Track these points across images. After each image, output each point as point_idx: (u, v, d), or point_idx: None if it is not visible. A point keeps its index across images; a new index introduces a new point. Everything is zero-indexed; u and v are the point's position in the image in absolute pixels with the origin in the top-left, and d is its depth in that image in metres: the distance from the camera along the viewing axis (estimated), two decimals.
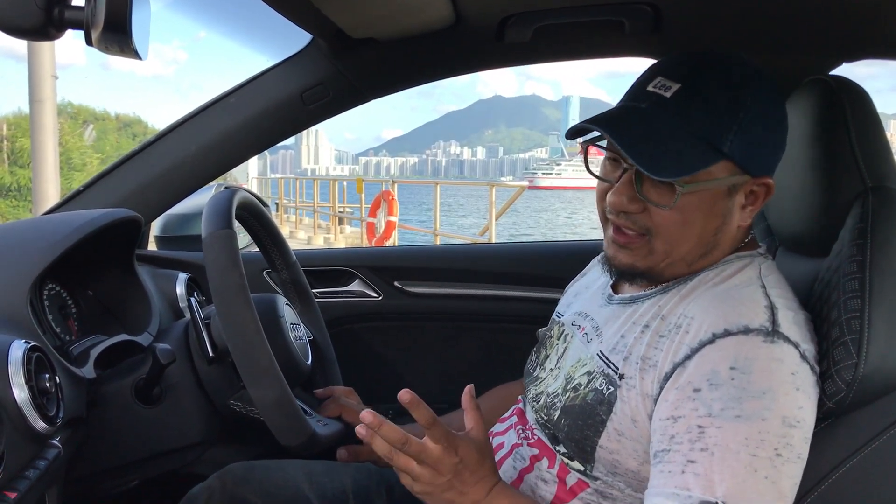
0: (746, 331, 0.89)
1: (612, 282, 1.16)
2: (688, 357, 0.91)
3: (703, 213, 0.96)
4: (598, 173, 1.05)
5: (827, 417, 0.95)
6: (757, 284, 0.97)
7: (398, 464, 0.95)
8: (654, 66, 1.00)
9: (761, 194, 0.99)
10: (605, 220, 1.05)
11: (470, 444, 0.97)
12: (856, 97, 1.05)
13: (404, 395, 0.94)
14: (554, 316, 1.27)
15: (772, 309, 0.92)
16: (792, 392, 0.87)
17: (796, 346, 0.90)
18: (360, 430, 0.94)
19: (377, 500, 1.34)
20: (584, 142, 1.04)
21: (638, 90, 0.99)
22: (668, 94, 0.95)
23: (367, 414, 0.93)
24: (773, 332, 0.89)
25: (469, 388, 1.01)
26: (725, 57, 0.98)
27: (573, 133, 1.01)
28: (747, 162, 0.95)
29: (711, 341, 0.89)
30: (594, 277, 1.25)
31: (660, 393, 0.92)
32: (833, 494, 0.93)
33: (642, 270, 1.02)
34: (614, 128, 0.95)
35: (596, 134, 1.00)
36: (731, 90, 0.94)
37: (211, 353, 1.18)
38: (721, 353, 0.88)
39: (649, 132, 0.93)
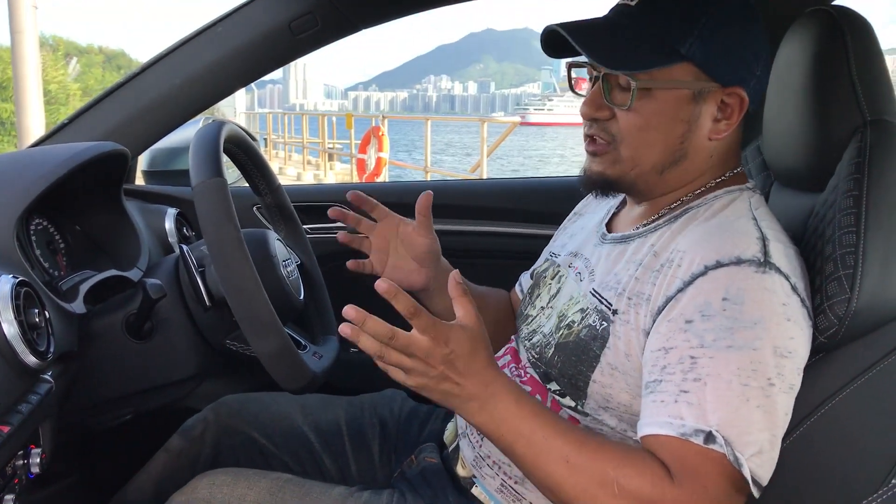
0: (738, 261, 0.89)
1: (606, 220, 1.16)
2: (680, 290, 0.91)
3: (665, 117, 0.98)
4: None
5: (818, 351, 0.95)
6: (748, 216, 0.97)
7: (389, 359, 0.88)
8: None
9: (735, 107, 0.99)
10: (585, 140, 1.07)
11: (461, 333, 0.89)
12: (858, 28, 1.03)
13: (381, 284, 0.85)
14: (548, 255, 1.27)
15: (763, 240, 0.92)
16: (783, 322, 0.88)
17: (787, 277, 0.90)
18: (343, 328, 0.86)
19: (370, 433, 1.36)
20: (568, 63, 1.08)
21: (611, 7, 1.03)
22: (632, 3, 0.99)
23: (349, 309, 0.85)
24: (764, 262, 0.89)
25: (454, 274, 0.92)
26: None
27: (545, 42, 1.03)
28: (711, 67, 0.96)
29: (703, 273, 0.90)
30: (589, 218, 1.25)
31: (652, 325, 0.93)
32: (824, 426, 0.95)
33: (613, 179, 1.03)
34: (574, 30, 0.97)
35: (579, 58, 1.04)
36: None
37: (208, 303, 1.18)
38: (713, 285, 0.89)
39: (610, 35, 0.98)
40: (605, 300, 1.01)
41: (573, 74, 1.15)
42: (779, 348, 0.87)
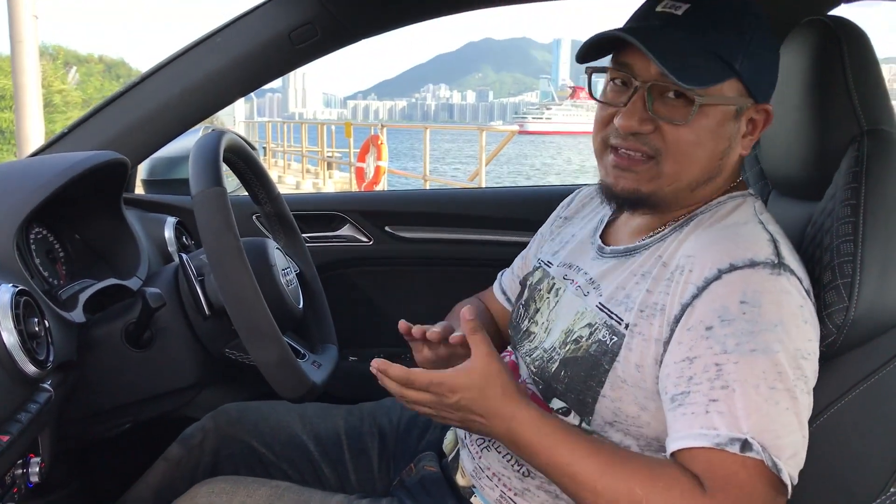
0: (752, 264, 0.89)
1: (601, 231, 1.15)
2: (695, 296, 0.90)
3: (714, 133, 0.96)
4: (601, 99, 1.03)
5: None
6: (755, 221, 0.97)
7: (406, 400, 0.99)
8: None
9: (760, 123, 1.00)
10: (603, 149, 1.03)
11: (465, 378, 0.94)
12: (854, 38, 1.03)
13: (375, 363, 0.98)
14: (538, 264, 1.24)
15: (774, 242, 0.92)
16: (801, 325, 0.88)
17: (800, 280, 0.90)
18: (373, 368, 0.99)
19: (370, 442, 1.35)
20: (590, 68, 1.03)
21: (646, 12, 0.99)
22: (679, 13, 0.95)
23: (376, 361, 0.98)
24: (779, 264, 0.89)
25: (466, 311, 0.98)
26: None
27: (585, 52, 0.99)
28: (753, 84, 0.96)
29: (718, 277, 0.89)
30: (580, 225, 1.24)
31: (671, 335, 0.92)
32: (824, 434, 0.95)
33: (646, 195, 0.99)
34: (636, 34, 0.92)
35: (601, 63, 1.01)
36: (736, 11, 0.95)
37: (207, 312, 1.18)
38: (729, 289, 0.88)
39: (666, 47, 0.92)
40: (615, 315, 0.99)
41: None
42: (800, 350, 0.87)
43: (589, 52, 0.99)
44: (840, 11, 1.48)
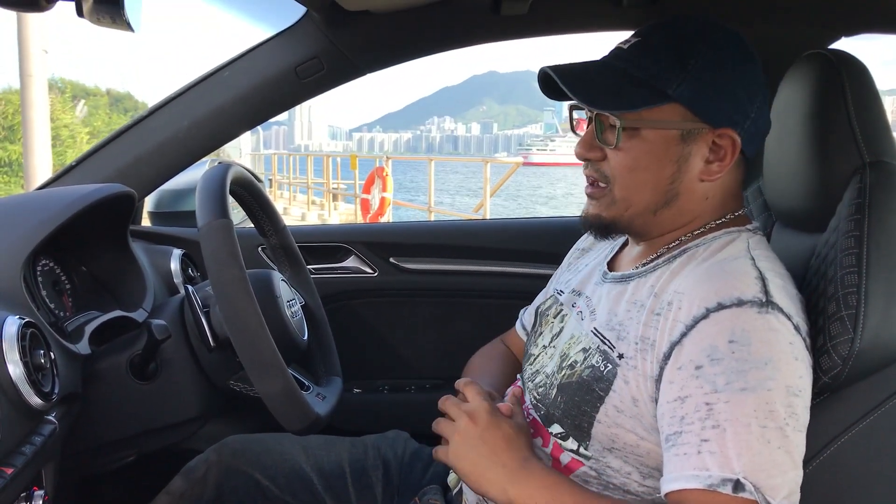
0: (740, 303, 0.88)
1: (609, 259, 1.16)
2: (683, 334, 0.90)
3: (653, 157, 0.99)
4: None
5: (822, 393, 0.95)
6: (746, 257, 0.96)
7: (443, 406, 1.07)
8: None
9: (727, 149, 0.99)
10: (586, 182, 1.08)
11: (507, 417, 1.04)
12: (855, 71, 1.04)
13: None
14: (553, 292, 1.27)
15: (762, 279, 0.91)
16: (792, 361, 0.87)
17: (789, 317, 0.89)
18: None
19: (373, 475, 1.35)
20: (570, 104, 1.09)
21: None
22: (625, 46, 1.01)
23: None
24: (766, 302, 0.89)
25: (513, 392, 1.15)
26: (691, 16, 1.02)
27: (543, 84, 1.05)
28: (700, 108, 0.97)
29: (705, 316, 0.89)
30: (594, 255, 1.25)
31: (660, 374, 0.92)
32: (828, 469, 0.94)
33: (608, 221, 1.04)
34: (565, 72, 0.98)
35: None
36: (683, 41, 0.98)
37: (212, 343, 1.19)
38: (717, 328, 0.88)
39: (599, 76, 0.99)
40: (608, 341, 1.00)
41: (575, 116, 1.15)
42: (791, 387, 0.86)
43: (550, 89, 1.05)
44: (840, 45, 1.50)
